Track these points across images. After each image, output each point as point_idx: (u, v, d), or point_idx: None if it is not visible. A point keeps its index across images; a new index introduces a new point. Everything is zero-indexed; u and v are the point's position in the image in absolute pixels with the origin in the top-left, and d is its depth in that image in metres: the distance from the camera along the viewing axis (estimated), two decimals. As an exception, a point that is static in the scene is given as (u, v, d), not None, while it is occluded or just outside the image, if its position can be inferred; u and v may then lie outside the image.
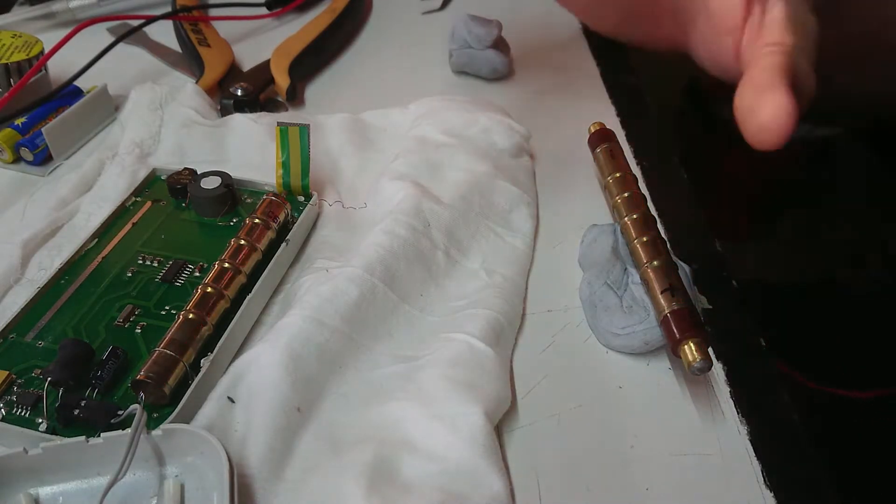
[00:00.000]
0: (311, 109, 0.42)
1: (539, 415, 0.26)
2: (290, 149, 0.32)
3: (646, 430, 0.25)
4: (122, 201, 0.33)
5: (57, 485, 0.22)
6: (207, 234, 0.32)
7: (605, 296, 0.28)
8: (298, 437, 0.24)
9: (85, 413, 0.23)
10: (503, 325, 0.27)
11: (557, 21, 0.49)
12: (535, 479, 0.24)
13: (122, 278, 0.29)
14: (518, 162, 0.36)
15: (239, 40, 0.48)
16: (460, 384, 0.24)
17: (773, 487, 0.23)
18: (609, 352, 0.28)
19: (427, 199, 0.31)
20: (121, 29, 0.47)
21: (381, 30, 0.51)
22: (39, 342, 0.26)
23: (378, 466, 0.22)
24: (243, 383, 0.24)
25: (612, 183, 0.32)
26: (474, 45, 0.43)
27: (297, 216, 0.32)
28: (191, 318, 0.26)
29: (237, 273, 0.28)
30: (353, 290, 0.27)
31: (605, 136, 0.35)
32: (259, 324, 0.29)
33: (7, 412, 0.24)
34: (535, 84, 0.44)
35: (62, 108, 0.38)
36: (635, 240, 0.29)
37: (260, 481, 0.22)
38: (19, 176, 0.36)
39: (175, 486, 0.22)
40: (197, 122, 0.38)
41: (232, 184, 0.32)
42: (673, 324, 0.25)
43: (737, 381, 0.27)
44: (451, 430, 0.23)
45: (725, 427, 0.25)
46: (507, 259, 0.31)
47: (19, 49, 0.39)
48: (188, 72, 0.45)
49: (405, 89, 0.42)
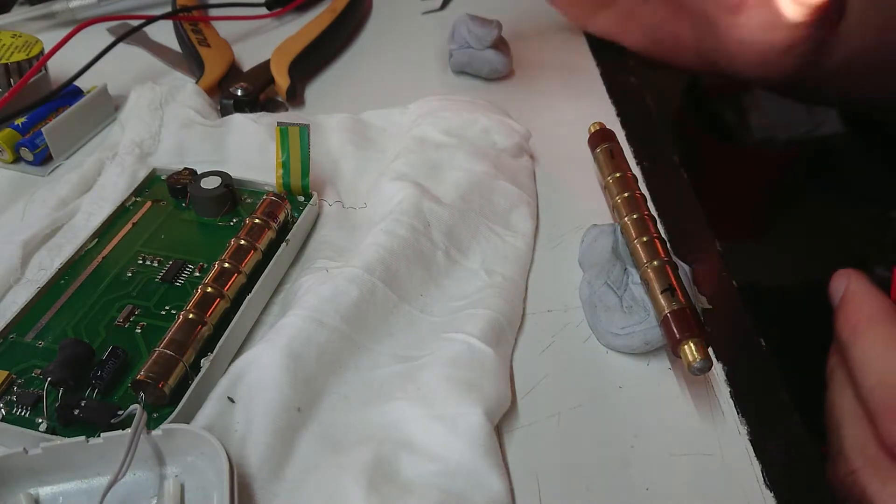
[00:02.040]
0: (311, 109, 0.42)
1: (539, 415, 0.26)
2: (290, 149, 0.32)
3: (646, 430, 0.25)
4: (122, 201, 0.32)
5: (57, 485, 0.22)
6: (207, 234, 0.32)
7: (605, 296, 0.28)
8: (298, 436, 0.24)
9: (85, 413, 0.23)
10: (503, 326, 0.27)
11: (557, 21, 0.49)
12: (535, 479, 0.24)
13: (122, 278, 0.29)
14: (518, 162, 0.36)
15: (239, 40, 0.48)
16: (460, 384, 0.24)
17: (773, 487, 0.23)
18: (609, 352, 0.28)
19: (427, 199, 0.31)
20: (121, 29, 0.47)
21: (381, 30, 0.51)
22: (39, 342, 0.26)
23: (378, 466, 0.22)
24: (243, 383, 0.24)
25: (613, 183, 0.32)
26: (474, 45, 0.43)
27: (297, 216, 0.32)
28: (191, 318, 0.26)
29: (237, 273, 0.28)
30: (353, 290, 0.27)
31: (605, 136, 0.35)
32: (259, 324, 0.29)
33: (7, 412, 0.24)
34: (535, 84, 0.44)
35: (62, 108, 0.38)
36: (635, 240, 0.29)
37: (260, 481, 0.22)
38: (19, 176, 0.36)
39: (175, 485, 0.22)
40: (197, 122, 0.38)
41: (232, 184, 0.32)
42: (673, 324, 0.25)
43: (737, 382, 0.27)
44: (451, 430, 0.23)
45: (725, 427, 0.25)
46: (508, 259, 0.31)
47: (19, 49, 0.39)
48: (188, 72, 0.45)
49: (405, 89, 0.42)
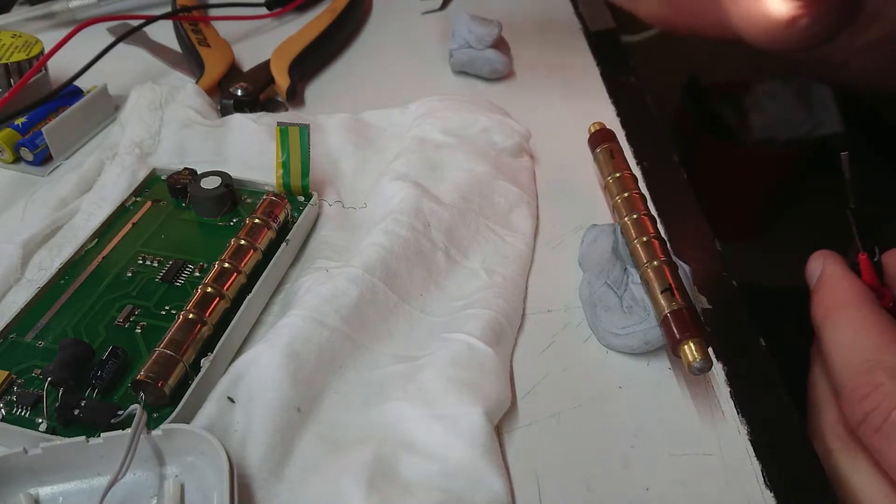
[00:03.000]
0: (311, 109, 0.42)
1: (539, 415, 0.26)
2: (290, 149, 0.32)
3: (646, 430, 0.25)
4: (122, 201, 0.32)
5: (57, 485, 0.22)
6: (207, 234, 0.32)
7: (605, 296, 0.28)
8: (298, 436, 0.24)
9: (85, 413, 0.23)
10: (503, 325, 0.27)
11: (557, 21, 0.49)
12: (535, 479, 0.24)
13: (122, 278, 0.29)
14: (518, 162, 0.36)
15: (239, 40, 0.48)
16: (460, 384, 0.24)
17: (773, 487, 0.24)
18: (609, 352, 0.28)
19: (427, 199, 0.31)
20: (121, 29, 0.47)
21: (381, 30, 0.51)
22: (39, 342, 0.26)
23: (378, 466, 0.22)
24: (243, 383, 0.24)
25: (612, 183, 0.32)
26: (474, 45, 0.43)
27: (297, 216, 0.32)
28: (191, 318, 0.26)
29: (237, 273, 0.28)
30: (353, 290, 0.27)
31: (605, 136, 0.34)
32: (259, 324, 0.29)
33: (7, 412, 0.24)
34: (535, 84, 0.44)
35: (62, 108, 0.38)
36: (635, 240, 0.29)
37: (260, 481, 0.22)
38: (19, 176, 0.36)
39: (175, 485, 0.22)
40: (197, 122, 0.38)
41: (232, 184, 0.32)
42: (673, 324, 0.25)
43: (737, 381, 0.27)
44: (451, 430, 0.23)
45: (725, 427, 0.25)
46: (508, 259, 0.31)
47: (19, 49, 0.39)
48: (188, 72, 0.45)
49: (405, 89, 0.42)
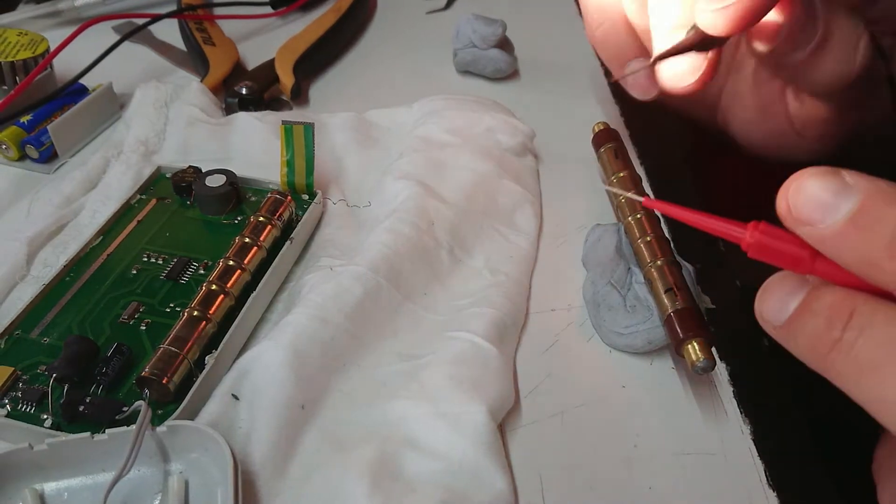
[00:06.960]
0: (316, 108, 0.42)
1: (542, 413, 0.26)
2: (295, 147, 0.32)
3: (649, 430, 0.25)
4: (126, 199, 0.33)
5: (62, 480, 0.22)
6: (212, 231, 0.32)
7: (609, 295, 0.28)
8: (302, 434, 0.24)
9: (90, 409, 0.24)
10: (507, 324, 0.27)
11: (561, 21, 0.49)
12: (539, 478, 0.24)
13: (127, 276, 0.29)
14: (522, 161, 0.36)
15: (244, 39, 0.48)
16: (464, 382, 0.24)
17: (776, 487, 0.24)
18: (612, 351, 0.28)
19: (431, 198, 0.31)
20: (126, 27, 0.47)
21: (386, 29, 0.51)
22: (44, 339, 0.26)
23: (381, 464, 0.22)
24: (247, 381, 0.24)
25: (616, 182, 0.32)
26: (478, 45, 0.43)
27: (302, 214, 0.32)
28: (195, 316, 0.26)
29: (241, 270, 0.28)
30: (358, 288, 0.27)
31: (608, 136, 0.35)
32: (263, 321, 0.29)
33: (12, 408, 0.24)
34: (539, 84, 0.44)
35: (67, 105, 0.38)
36: (639, 239, 0.29)
37: (263, 478, 0.23)
38: (24, 173, 0.36)
39: (179, 482, 0.22)
40: (202, 121, 0.38)
41: (236, 182, 0.32)
42: (676, 323, 0.25)
43: (740, 381, 0.27)
44: (455, 428, 0.23)
45: (728, 426, 0.25)
46: (511, 258, 0.31)
47: (25, 47, 0.39)
48: (193, 70, 0.45)
49: (409, 88, 0.42)
